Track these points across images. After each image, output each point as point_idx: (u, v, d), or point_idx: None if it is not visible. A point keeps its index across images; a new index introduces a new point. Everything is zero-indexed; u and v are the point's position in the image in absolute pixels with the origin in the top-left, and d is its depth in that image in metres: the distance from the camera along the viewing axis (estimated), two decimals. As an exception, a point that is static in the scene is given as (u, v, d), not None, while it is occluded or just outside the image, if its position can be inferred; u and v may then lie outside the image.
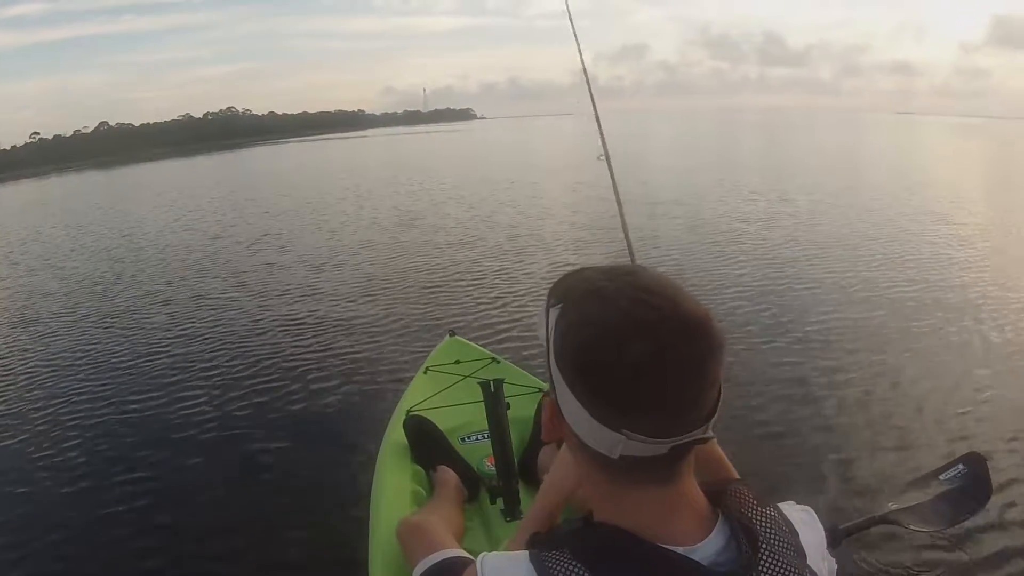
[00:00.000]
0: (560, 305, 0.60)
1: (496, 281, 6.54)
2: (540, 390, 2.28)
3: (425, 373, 2.68)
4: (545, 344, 0.61)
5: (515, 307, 5.53)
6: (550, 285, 0.65)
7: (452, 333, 3.01)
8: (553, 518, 1.04)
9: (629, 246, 2.42)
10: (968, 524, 2.29)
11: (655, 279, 0.58)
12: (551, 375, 0.60)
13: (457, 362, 2.62)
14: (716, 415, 0.57)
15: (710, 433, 0.57)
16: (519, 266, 7.16)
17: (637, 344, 0.53)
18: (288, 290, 6.79)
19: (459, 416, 2.31)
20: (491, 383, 1.87)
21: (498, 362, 2.65)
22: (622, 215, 2.45)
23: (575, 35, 2.86)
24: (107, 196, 23.03)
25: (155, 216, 14.19)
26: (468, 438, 2.26)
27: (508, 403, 1.89)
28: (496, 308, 5.59)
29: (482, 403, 1.88)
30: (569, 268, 0.66)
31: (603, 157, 2.55)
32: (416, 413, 2.24)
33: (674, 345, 0.54)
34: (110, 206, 18.38)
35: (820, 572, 0.64)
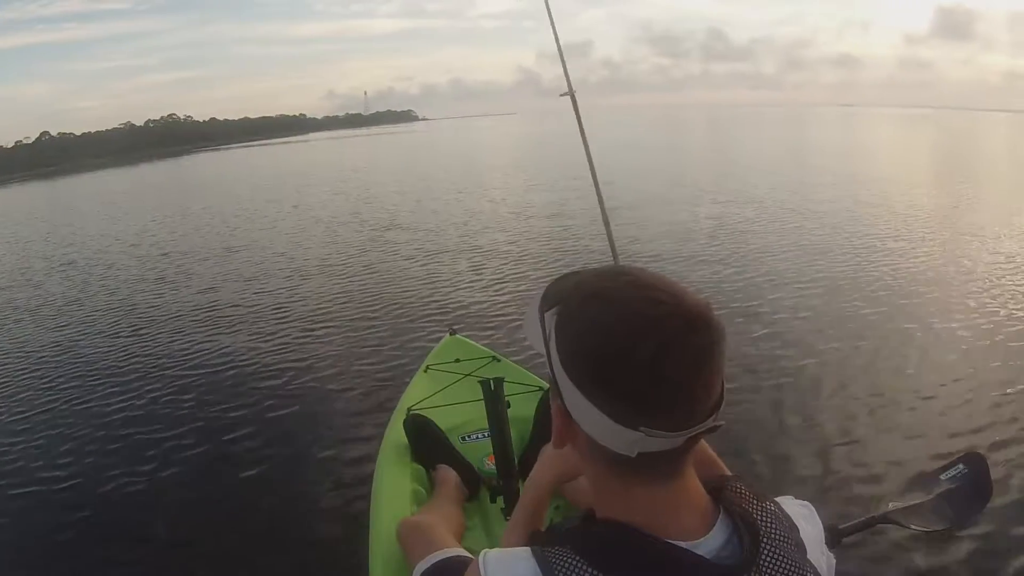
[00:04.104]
0: (557, 309, 0.60)
1: (497, 278, 6.54)
2: (540, 388, 2.28)
3: (425, 372, 2.68)
4: (545, 350, 0.61)
5: (516, 305, 5.51)
6: (546, 284, 0.65)
7: (452, 331, 3.00)
8: (539, 515, 1.04)
9: (612, 244, 2.66)
10: (968, 524, 2.29)
11: (653, 276, 0.59)
12: (556, 380, 0.60)
13: (457, 360, 2.62)
14: (723, 403, 0.59)
15: (720, 421, 0.58)
16: (520, 263, 7.14)
17: (649, 341, 0.54)
18: (286, 290, 6.79)
19: (459, 415, 2.31)
20: (491, 382, 1.86)
21: (499, 360, 2.64)
22: (605, 216, 2.67)
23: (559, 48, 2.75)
24: (52, 208, 22.52)
25: (123, 225, 13.80)
26: (468, 437, 2.26)
27: (508, 402, 1.88)
28: (497, 306, 5.59)
29: (482, 402, 1.88)
30: (562, 264, 0.66)
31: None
32: (416, 412, 2.23)
33: (683, 339, 0.55)
34: (57, 219, 17.67)
35: (819, 566, 0.65)
